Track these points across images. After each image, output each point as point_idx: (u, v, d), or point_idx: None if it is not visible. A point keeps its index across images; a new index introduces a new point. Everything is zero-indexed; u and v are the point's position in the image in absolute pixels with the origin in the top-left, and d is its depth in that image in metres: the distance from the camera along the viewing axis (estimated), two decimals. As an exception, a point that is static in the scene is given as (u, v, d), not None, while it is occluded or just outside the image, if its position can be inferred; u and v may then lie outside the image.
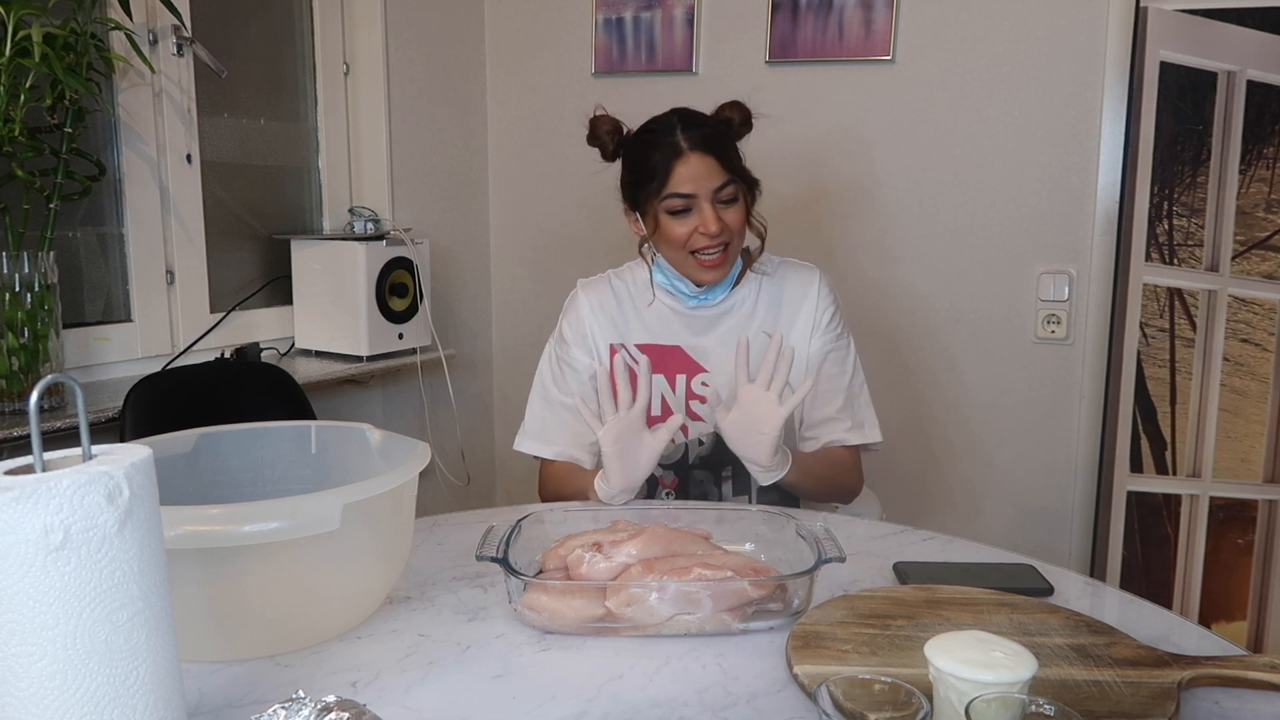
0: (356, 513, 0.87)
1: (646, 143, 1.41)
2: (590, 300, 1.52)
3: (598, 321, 1.51)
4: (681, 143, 1.37)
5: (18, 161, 1.55)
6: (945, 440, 2.35)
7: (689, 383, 1.47)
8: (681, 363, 1.48)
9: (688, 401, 1.47)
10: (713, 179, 1.37)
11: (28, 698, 0.62)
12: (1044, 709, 0.66)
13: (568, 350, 1.51)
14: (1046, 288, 2.22)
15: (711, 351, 1.48)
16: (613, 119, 1.48)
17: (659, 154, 1.38)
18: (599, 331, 1.51)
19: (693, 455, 1.47)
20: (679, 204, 1.38)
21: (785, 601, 0.97)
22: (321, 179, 2.36)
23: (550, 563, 1.02)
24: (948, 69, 2.24)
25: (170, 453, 1.06)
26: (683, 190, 1.37)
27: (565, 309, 1.55)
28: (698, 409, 1.47)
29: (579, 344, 1.51)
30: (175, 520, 0.81)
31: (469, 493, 2.62)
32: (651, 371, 1.41)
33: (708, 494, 1.49)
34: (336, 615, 0.94)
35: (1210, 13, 2.01)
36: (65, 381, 0.67)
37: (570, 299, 1.55)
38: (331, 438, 1.12)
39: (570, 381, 1.49)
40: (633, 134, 1.46)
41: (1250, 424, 2.08)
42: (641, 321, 1.51)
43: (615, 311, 1.51)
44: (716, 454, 1.47)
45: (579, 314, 1.52)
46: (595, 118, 1.49)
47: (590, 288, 1.54)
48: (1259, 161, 2.03)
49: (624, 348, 1.50)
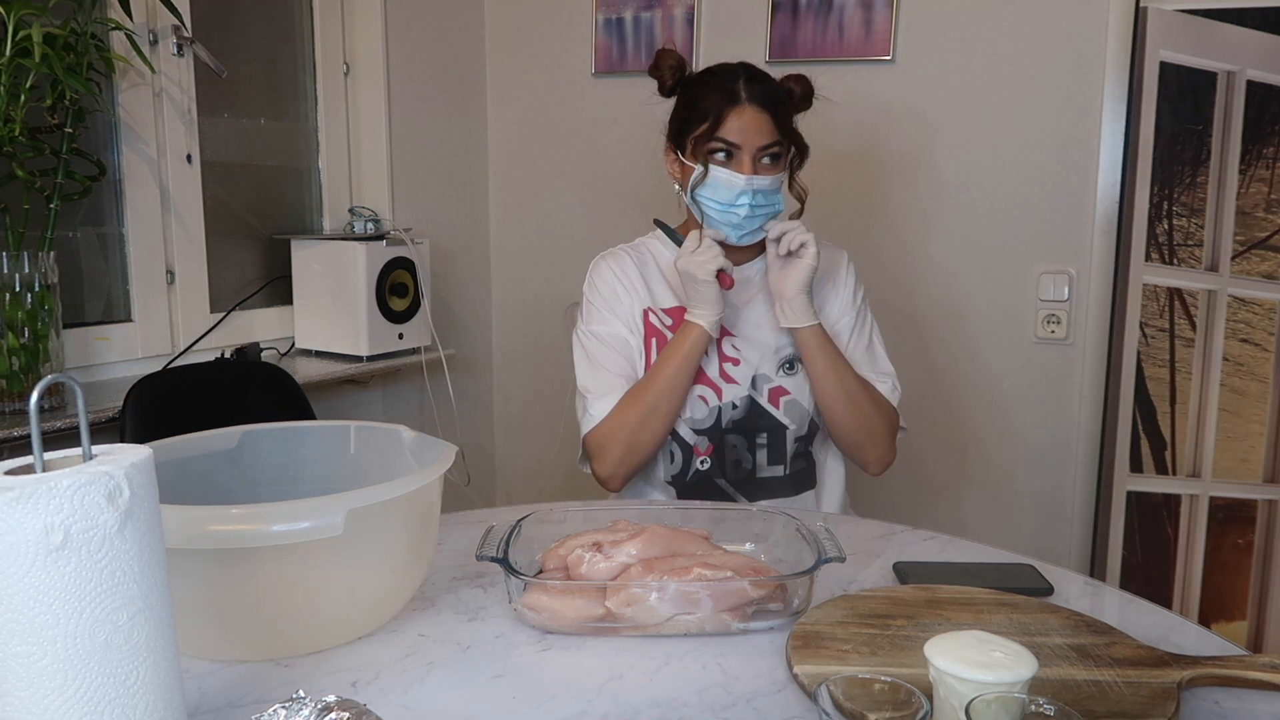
0: (363, 518, 0.86)
1: (707, 84, 1.41)
2: (614, 268, 1.52)
3: (624, 287, 1.50)
4: (741, 91, 1.37)
5: (18, 161, 1.55)
6: (945, 439, 2.35)
7: (720, 345, 1.47)
8: None
9: (721, 364, 1.46)
10: (762, 135, 1.37)
11: (28, 697, 0.62)
12: (1044, 709, 0.66)
13: (601, 318, 1.50)
14: (1046, 288, 2.22)
15: (740, 315, 1.48)
16: (679, 56, 1.48)
17: (716, 97, 1.38)
18: (627, 297, 1.50)
19: (725, 419, 1.46)
20: (722, 149, 1.38)
21: (785, 601, 0.97)
22: (321, 179, 2.37)
23: (550, 563, 1.02)
24: (948, 69, 2.24)
25: (215, 449, 1.09)
26: (730, 138, 1.37)
27: (589, 283, 1.53)
28: (731, 371, 1.46)
29: (612, 311, 1.49)
30: (177, 520, 0.81)
31: (469, 493, 2.62)
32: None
33: (741, 460, 1.48)
34: (348, 620, 0.94)
35: (1210, 13, 2.01)
36: (65, 381, 0.67)
37: (593, 271, 1.54)
38: (369, 438, 1.14)
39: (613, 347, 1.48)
40: (692, 76, 1.46)
41: (1250, 424, 2.08)
42: (666, 287, 1.51)
43: (638, 278, 1.51)
44: (750, 418, 1.46)
45: (606, 282, 1.51)
46: (662, 50, 1.49)
47: (610, 258, 1.54)
48: (1259, 161, 2.03)
49: (653, 311, 1.49)
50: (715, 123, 1.38)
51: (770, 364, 1.47)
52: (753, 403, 1.45)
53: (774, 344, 1.47)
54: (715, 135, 1.38)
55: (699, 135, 1.39)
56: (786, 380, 1.47)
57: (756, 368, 1.47)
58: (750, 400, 1.45)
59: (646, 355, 1.48)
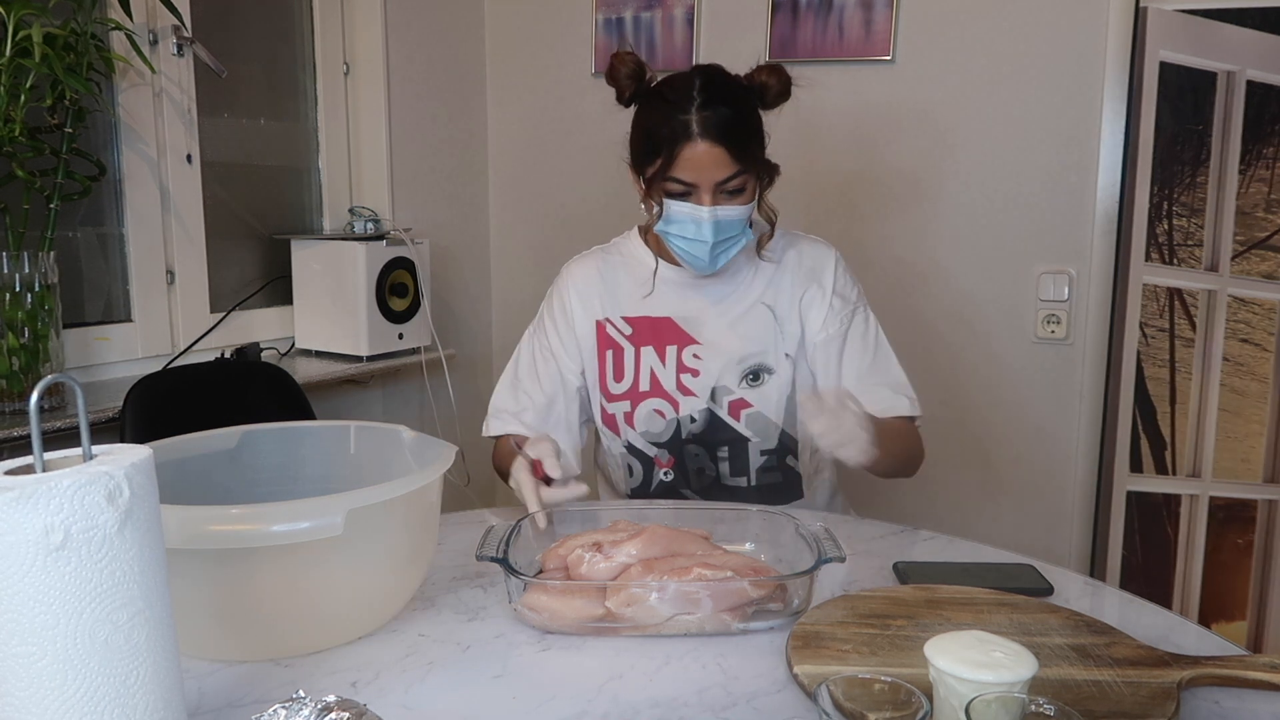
0: (363, 518, 0.86)
1: (659, 110, 1.30)
2: (577, 278, 1.49)
3: (580, 302, 1.47)
4: (693, 124, 1.26)
5: (18, 161, 1.55)
6: (945, 440, 2.35)
7: (680, 355, 1.43)
8: (672, 334, 1.44)
9: (678, 375, 1.43)
10: (720, 170, 1.27)
11: (28, 697, 0.62)
12: (1044, 709, 0.66)
13: (545, 331, 1.51)
14: (1046, 288, 2.22)
15: (704, 323, 1.43)
16: (636, 59, 1.35)
17: (668, 130, 1.27)
18: (582, 312, 1.47)
19: (685, 431, 1.43)
20: (678, 189, 1.30)
21: (785, 601, 0.97)
22: (321, 179, 2.37)
23: (550, 563, 1.02)
24: (948, 69, 2.24)
25: (215, 449, 1.10)
26: (684, 178, 1.28)
27: (553, 287, 1.52)
28: (688, 383, 1.42)
29: (558, 330, 1.49)
30: (177, 520, 0.81)
31: (469, 493, 2.61)
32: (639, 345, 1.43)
33: (704, 468, 1.45)
34: (348, 620, 0.94)
35: (1210, 13, 2.01)
36: (65, 381, 0.67)
37: (559, 277, 1.52)
38: (369, 438, 1.14)
39: (543, 369, 1.49)
40: (650, 88, 1.35)
41: (1250, 424, 2.08)
42: (630, 293, 1.47)
43: (600, 285, 1.47)
44: (710, 431, 1.43)
45: (563, 294, 1.49)
46: (617, 54, 1.35)
47: (577, 263, 1.52)
48: (1259, 161, 2.03)
49: (610, 322, 1.46)
50: (668, 161, 1.28)
51: (732, 375, 1.42)
52: (712, 415, 1.41)
53: (739, 354, 1.42)
54: (670, 173, 1.28)
55: (653, 174, 1.31)
56: (749, 392, 1.42)
57: (717, 379, 1.42)
58: (709, 413, 1.41)
59: (600, 367, 1.45)
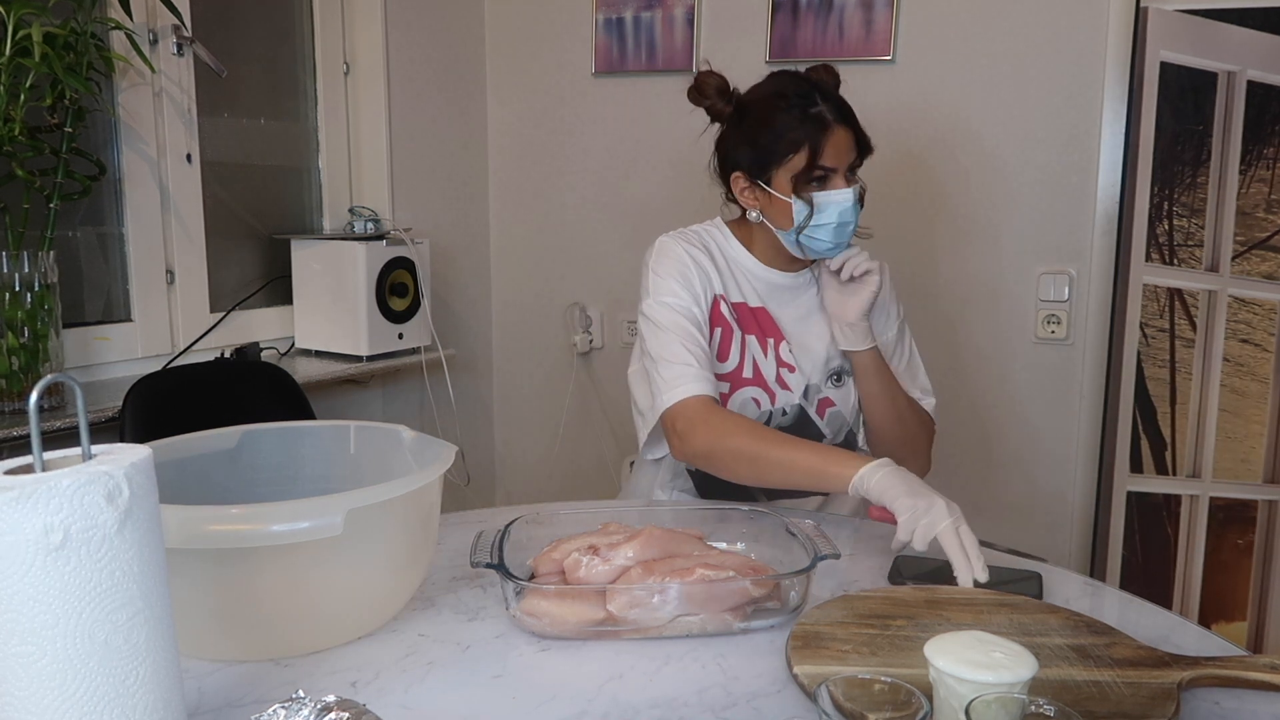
0: (363, 518, 0.86)
1: (787, 112, 1.33)
2: (685, 247, 1.42)
3: (696, 267, 1.41)
4: (827, 114, 1.32)
5: (18, 161, 1.55)
6: (945, 440, 2.34)
7: (778, 349, 1.44)
8: (770, 328, 1.45)
9: (778, 369, 1.44)
10: (851, 152, 1.35)
11: (28, 697, 0.62)
12: (1044, 709, 0.66)
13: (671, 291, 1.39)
14: (1046, 288, 2.22)
15: (793, 321, 1.47)
16: (721, 76, 1.40)
17: (807, 125, 1.32)
18: (700, 276, 1.41)
19: (774, 424, 1.44)
20: (820, 175, 1.33)
21: (783, 599, 0.97)
22: (321, 179, 2.37)
23: (543, 567, 1.00)
24: (948, 69, 2.24)
25: (215, 449, 1.10)
26: (828, 164, 1.33)
27: (658, 260, 1.42)
28: (786, 378, 1.44)
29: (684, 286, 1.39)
30: (177, 520, 0.81)
31: (469, 493, 2.62)
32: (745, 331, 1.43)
33: None
34: (347, 620, 0.94)
35: (1210, 13, 2.01)
36: (65, 381, 0.67)
37: (660, 248, 1.43)
38: (368, 438, 1.14)
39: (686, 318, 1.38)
40: (757, 97, 1.38)
41: (1250, 424, 2.08)
42: (728, 279, 1.45)
43: (708, 264, 1.44)
44: (796, 427, 1.44)
45: (679, 258, 1.41)
46: (704, 74, 1.40)
47: (680, 239, 1.44)
48: (1259, 162, 2.03)
49: (724, 299, 1.43)
50: (813, 152, 1.32)
51: (821, 375, 1.47)
52: (802, 412, 1.45)
53: (825, 355, 1.47)
54: (816, 165, 1.32)
55: (798, 171, 1.33)
56: (834, 392, 1.48)
57: (809, 378, 1.46)
58: (800, 410, 1.45)
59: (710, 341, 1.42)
